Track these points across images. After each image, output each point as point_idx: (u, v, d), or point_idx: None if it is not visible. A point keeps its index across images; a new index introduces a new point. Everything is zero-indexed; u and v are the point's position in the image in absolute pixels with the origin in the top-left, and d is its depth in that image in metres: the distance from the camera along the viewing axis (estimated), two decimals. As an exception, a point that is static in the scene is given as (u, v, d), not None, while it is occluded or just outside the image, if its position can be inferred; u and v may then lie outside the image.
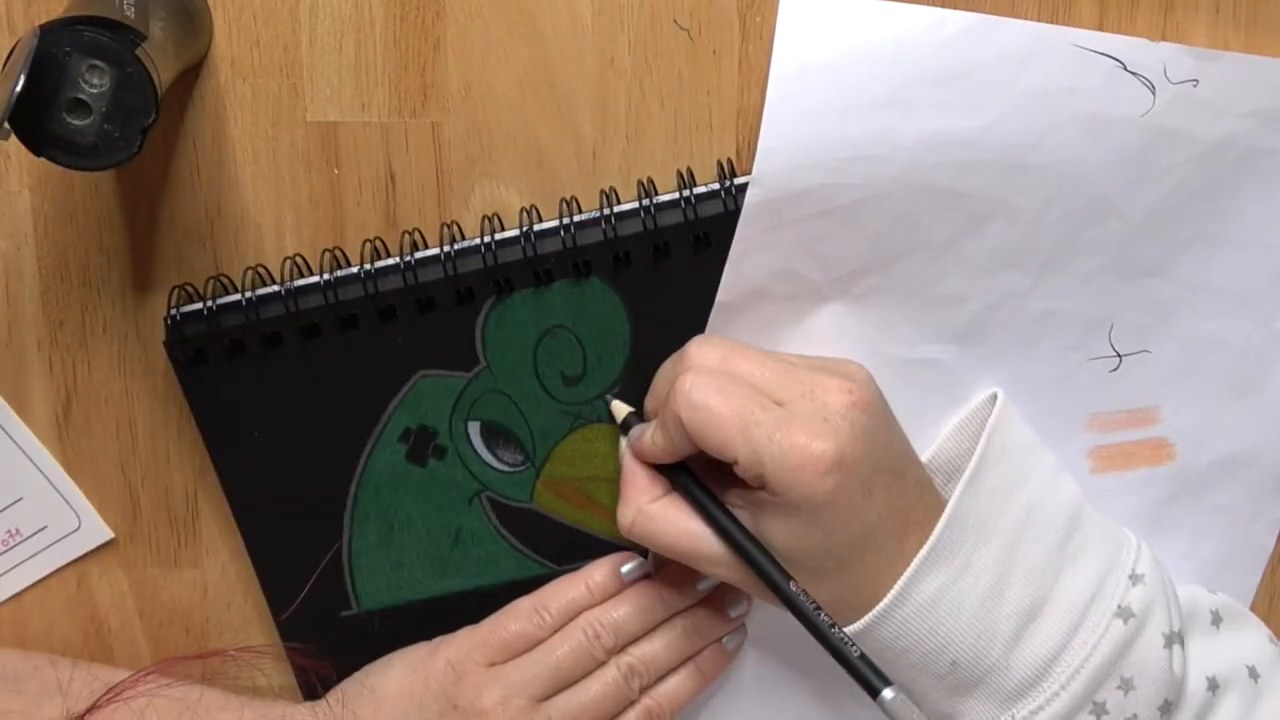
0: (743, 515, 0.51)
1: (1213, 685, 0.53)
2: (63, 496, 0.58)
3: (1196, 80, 0.54)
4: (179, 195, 0.55)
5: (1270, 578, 0.61)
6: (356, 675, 0.57)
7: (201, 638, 0.60)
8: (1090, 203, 0.55)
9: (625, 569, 0.57)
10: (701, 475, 0.53)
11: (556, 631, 0.56)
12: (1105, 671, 0.50)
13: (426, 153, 0.55)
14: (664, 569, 0.57)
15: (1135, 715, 0.51)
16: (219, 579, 0.60)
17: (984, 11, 0.53)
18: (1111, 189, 0.55)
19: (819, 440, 0.48)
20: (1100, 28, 0.54)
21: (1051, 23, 0.54)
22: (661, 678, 0.57)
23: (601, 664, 0.56)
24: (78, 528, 0.58)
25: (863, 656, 0.48)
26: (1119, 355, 0.57)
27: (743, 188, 0.53)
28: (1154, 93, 0.53)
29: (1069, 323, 0.57)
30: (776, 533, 0.50)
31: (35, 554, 0.59)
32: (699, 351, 0.52)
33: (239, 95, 0.54)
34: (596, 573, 0.57)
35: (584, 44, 0.54)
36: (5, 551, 0.58)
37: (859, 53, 0.52)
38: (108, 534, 0.59)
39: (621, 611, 0.56)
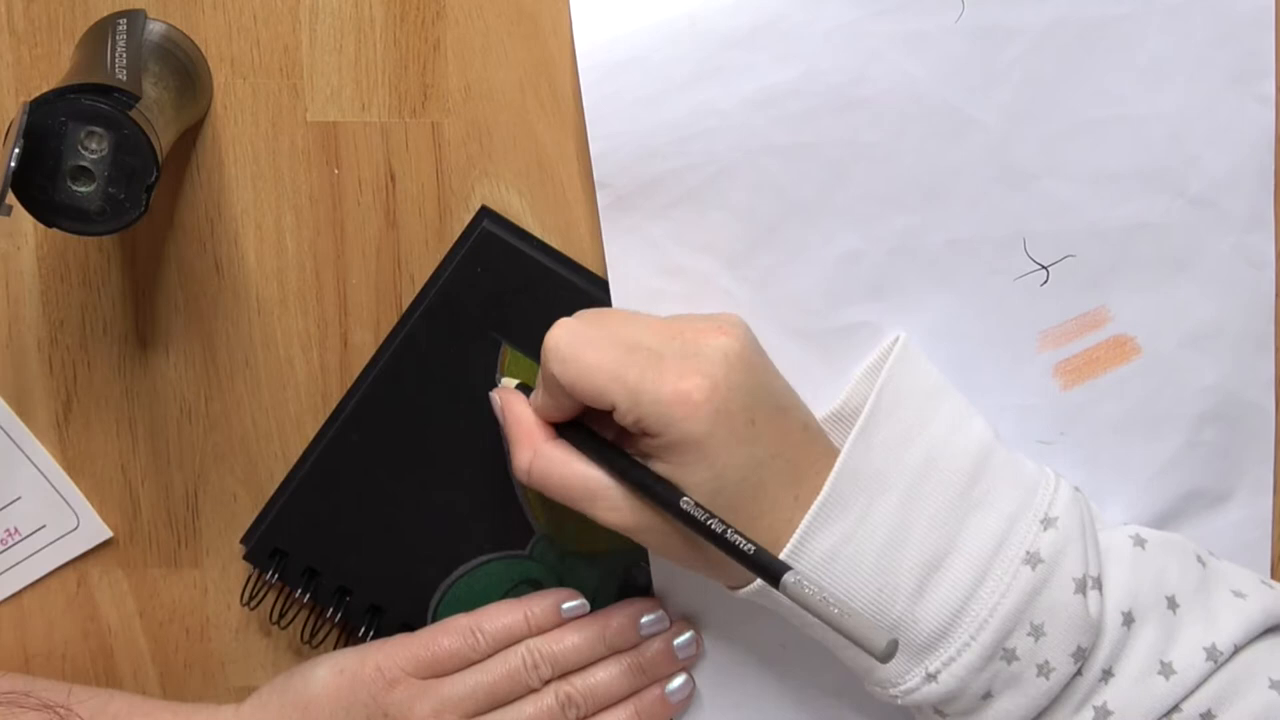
0: None
1: (1128, 620, 0.51)
2: (62, 496, 0.58)
3: None
4: (179, 195, 0.55)
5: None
6: (280, 677, 0.57)
7: (201, 638, 0.60)
8: (940, 121, 0.54)
9: (566, 605, 0.57)
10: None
11: (489, 655, 0.56)
12: (1014, 619, 0.49)
13: (426, 153, 0.55)
14: (610, 610, 0.57)
15: (1047, 661, 0.50)
16: (219, 579, 0.60)
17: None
18: (958, 101, 0.54)
19: (692, 375, 0.48)
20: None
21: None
22: (599, 713, 0.56)
23: (536, 692, 0.56)
24: (76, 527, 0.59)
25: (759, 549, 0.47)
26: (1043, 267, 0.56)
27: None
28: None
29: (977, 248, 0.55)
30: (666, 476, 0.49)
31: (34, 553, 0.59)
32: (572, 316, 0.52)
33: (239, 95, 0.54)
34: (536, 604, 0.57)
35: (584, 44, 0.54)
36: (4, 550, 0.59)
37: (658, 37, 0.53)
38: (106, 533, 0.59)
39: (564, 645, 0.56)
